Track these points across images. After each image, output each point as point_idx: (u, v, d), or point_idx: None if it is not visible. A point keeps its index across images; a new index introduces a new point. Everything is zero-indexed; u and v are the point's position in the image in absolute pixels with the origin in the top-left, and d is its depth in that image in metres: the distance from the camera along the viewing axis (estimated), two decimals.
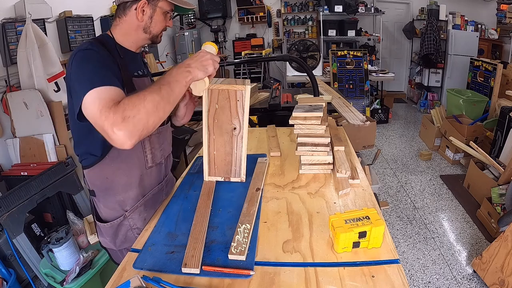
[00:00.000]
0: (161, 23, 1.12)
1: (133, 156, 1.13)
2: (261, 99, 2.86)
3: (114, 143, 0.86)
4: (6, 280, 2.14)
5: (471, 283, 2.19)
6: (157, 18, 1.10)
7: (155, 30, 1.13)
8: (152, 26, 1.11)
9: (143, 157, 1.16)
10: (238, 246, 0.95)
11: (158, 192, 1.27)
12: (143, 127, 0.87)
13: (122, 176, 1.13)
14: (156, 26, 1.12)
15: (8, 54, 2.67)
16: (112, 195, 1.15)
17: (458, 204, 3.08)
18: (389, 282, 0.82)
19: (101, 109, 0.84)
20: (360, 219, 0.94)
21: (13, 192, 2.09)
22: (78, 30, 3.47)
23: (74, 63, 0.95)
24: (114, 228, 1.19)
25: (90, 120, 0.88)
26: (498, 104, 3.81)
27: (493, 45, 5.29)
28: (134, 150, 1.08)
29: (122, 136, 0.84)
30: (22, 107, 2.58)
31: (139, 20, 1.08)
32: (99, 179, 1.14)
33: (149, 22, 1.10)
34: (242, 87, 1.21)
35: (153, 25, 1.11)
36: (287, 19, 6.47)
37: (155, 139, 1.19)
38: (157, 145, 1.21)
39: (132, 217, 1.18)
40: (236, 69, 6.24)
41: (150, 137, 1.16)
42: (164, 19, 1.13)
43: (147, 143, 1.16)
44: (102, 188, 1.15)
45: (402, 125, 5.25)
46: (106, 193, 1.16)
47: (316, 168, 1.38)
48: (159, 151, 1.23)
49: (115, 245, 1.22)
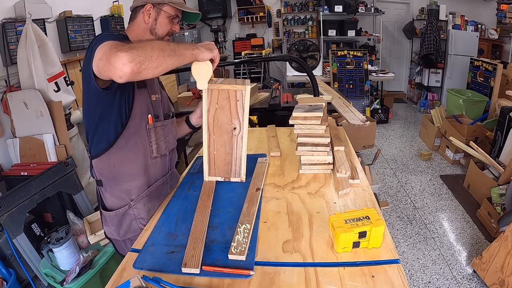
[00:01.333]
0: (165, 26, 1.21)
1: (139, 145, 1.20)
2: (261, 99, 2.86)
3: (114, 68, 0.89)
4: (6, 280, 2.14)
5: (471, 283, 2.19)
6: (162, 21, 1.20)
7: (160, 32, 1.21)
8: (157, 28, 1.20)
9: (149, 147, 1.23)
10: (238, 246, 0.95)
11: (162, 184, 1.32)
12: (145, 58, 0.91)
13: (129, 164, 1.20)
14: (161, 28, 1.21)
15: (8, 54, 2.67)
16: (119, 184, 1.22)
17: (458, 204, 3.08)
18: (389, 282, 0.82)
19: (111, 44, 0.92)
20: (360, 219, 0.94)
21: (13, 192, 2.09)
22: (78, 30, 3.47)
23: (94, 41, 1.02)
24: (119, 217, 1.24)
25: (100, 63, 0.93)
26: (498, 104, 3.81)
27: (493, 45, 5.29)
28: (140, 140, 1.19)
29: (124, 56, 0.88)
30: (22, 107, 2.58)
31: (145, 22, 1.19)
32: (107, 168, 1.20)
33: (154, 24, 1.19)
34: (242, 87, 1.21)
35: (158, 27, 1.20)
36: (287, 19, 6.47)
37: (160, 131, 1.26)
38: (162, 137, 1.27)
39: (136, 207, 1.24)
40: (236, 69, 6.24)
41: (156, 128, 1.24)
42: (169, 23, 1.22)
43: (152, 133, 1.23)
44: (110, 177, 1.21)
45: (402, 125, 5.25)
46: (113, 182, 1.22)
47: (316, 168, 1.38)
48: (163, 142, 1.29)
49: (119, 234, 1.27)
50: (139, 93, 1.17)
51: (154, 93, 1.25)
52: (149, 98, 1.22)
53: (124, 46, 0.92)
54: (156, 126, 1.24)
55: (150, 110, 1.22)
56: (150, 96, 1.23)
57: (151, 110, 1.23)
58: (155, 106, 1.25)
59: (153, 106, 1.24)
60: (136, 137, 1.18)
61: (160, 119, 1.27)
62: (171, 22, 1.23)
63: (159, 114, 1.27)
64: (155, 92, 1.26)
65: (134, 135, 1.17)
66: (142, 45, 0.94)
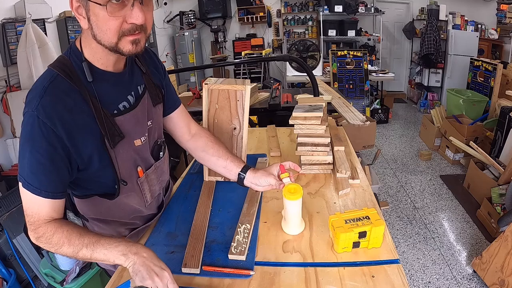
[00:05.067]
0: (104, 22, 0.74)
1: (131, 199, 0.98)
2: (261, 99, 2.86)
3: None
4: (6, 280, 2.14)
5: (471, 283, 2.19)
6: (96, 18, 0.74)
7: (105, 37, 0.76)
8: (98, 32, 0.76)
9: (142, 199, 1.03)
10: (238, 246, 0.95)
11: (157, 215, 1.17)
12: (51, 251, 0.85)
13: (119, 214, 1.00)
14: (102, 30, 0.75)
15: (8, 54, 2.67)
16: (107, 224, 1.01)
17: (458, 204, 3.08)
18: (389, 282, 0.82)
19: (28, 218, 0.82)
20: (360, 219, 0.94)
21: (13, 192, 2.09)
22: (78, 30, 3.47)
23: (22, 129, 0.78)
24: None
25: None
26: (498, 104, 3.81)
27: (493, 45, 5.29)
28: (132, 196, 0.98)
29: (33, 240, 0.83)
30: (22, 107, 2.57)
31: (84, 27, 0.78)
32: (92, 211, 0.98)
33: (91, 28, 0.76)
34: (242, 87, 1.21)
35: (97, 31, 0.76)
36: (287, 19, 6.47)
37: (153, 176, 1.04)
38: (155, 181, 1.06)
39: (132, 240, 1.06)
40: (236, 69, 6.24)
41: (148, 177, 1.01)
42: (111, 16, 0.73)
43: (145, 185, 1.01)
44: (96, 218, 1.00)
45: (402, 125, 5.25)
46: (101, 222, 1.00)
47: (316, 168, 1.38)
48: (157, 185, 1.09)
49: (114, 267, 1.04)
50: (118, 151, 0.88)
51: (139, 136, 0.94)
52: (132, 148, 0.92)
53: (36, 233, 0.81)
54: (148, 175, 1.01)
55: (137, 162, 0.95)
56: (133, 144, 0.92)
57: (138, 161, 0.96)
58: (141, 153, 0.96)
59: (139, 155, 0.95)
60: (127, 196, 0.96)
61: (151, 163, 1.02)
62: (115, 12, 0.73)
63: (148, 158, 1.01)
64: (141, 134, 0.95)
65: (125, 194, 0.95)
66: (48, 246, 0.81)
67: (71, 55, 0.83)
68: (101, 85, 0.84)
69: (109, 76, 0.86)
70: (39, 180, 0.78)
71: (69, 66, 0.81)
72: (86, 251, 0.79)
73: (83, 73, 0.81)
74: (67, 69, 0.80)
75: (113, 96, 0.88)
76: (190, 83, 5.97)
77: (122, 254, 0.78)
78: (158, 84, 1.03)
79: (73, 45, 0.84)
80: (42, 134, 0.76)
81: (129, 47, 0.78)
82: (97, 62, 0.83)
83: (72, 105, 0.79)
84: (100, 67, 0.84)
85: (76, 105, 0.79)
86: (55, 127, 0.76)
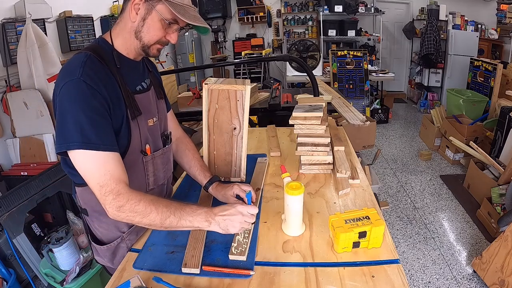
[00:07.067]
0: (155, 32, 0.92)
1: (133, 179, 0.98)
2: (261, 99, 2.86)
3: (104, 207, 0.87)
4: (6, 280, 2.14)
5: (471, 283, 2.19)
6: (151, 23, 0.91)
7: (147, 38, 0.93)
8: (144, 32, 0.92)
9: (145, 180, 1.06)
10: (239, 246, 0.95)
11: None
12: (131, 222, 0.88)
13: None
14: (149, 33, 0.92)
15: (8, 54, 2.67)
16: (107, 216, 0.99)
17: (458, 204, 3.08)
18: (389, 282, 0.82)
19: (102, 186, 0.84)
20: (360, 219, 0.94)
21: (13, 192, 2.09)
22: (78, 30, 3.47)
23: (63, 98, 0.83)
24: (111, 250, 1.08)
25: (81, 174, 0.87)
26: (498, 104, 3.81)
27: (493, 45, 5.29)
28: (136, 174, 1.01)
29: (111, 213, 0.86)
30: (22, 107, 2.58)
31: (131, 21, 0.91)
32: (93, 199, 0.95)
33: (141, 25, 0.91)
34: (242, 87, 1.21)
35: (145, 31, 0.92)
36: (287, 19, 6.47)
37: (158, 161, 1.09)
38: (160, 166, 1.11)
39: (129, 238, 1.08)
40: (236, 69, 6.24)
41: (154, 159, 1.06)
42: (162, 29, 0.92)
43: (150, 166, 1.05)
44: (97, 208, 1.00)
45: (402, 125, 5.25)
46: (101, 214, 1.00)
47: (316, 168, 1.38)
48: (162, 172, 1.13)
49: (113, 264, 1.10)
50: (135, 125, 0.97)
51: (151, 116, 1.04)
52: (146, 126, 1.01)
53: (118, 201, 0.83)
54: (155, 157, 1.06)
55: (147, 139, 1.02)
56: (147, 122, 1.02)
57: (149, 140, 1.03)
58: (153, 133, 1.05)
59: (150, 133, 1.04)
60: (130, 171, 0.96)
61: (159, 147, 1.09)
62: (165, 28, 0.93)
63: (157, 141, 1.08)
64: (153, 115, 1.05)
65: (128, 170, 0.95)
66: (132, 215, 0.84)
67: (100, 44, 0.96)
68: (124, 68, 0.97)
69: (131, 62, 1.00)
70: (96, 134, 0.84)
71: (100, 51, 0.93)
72: (173, 219, 0.87)
73: (111, 58, 0.94)
74: (99, 52, 0.92)
75: (133, 78, 1.01)
76: (190, 83, 5.96)
77: (205, 220, 0.90)
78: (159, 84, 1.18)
79: (101, 37, 0.98)
80: (92, 95, 0.84)
81: (155, 52, 0.98)
82: (123, 49, 0.97)
83: (107, 78, 0.90)
84: (125, 54, 0.98)
85: (109, 79, 0.91)
86: (100, 91, 0.86)
